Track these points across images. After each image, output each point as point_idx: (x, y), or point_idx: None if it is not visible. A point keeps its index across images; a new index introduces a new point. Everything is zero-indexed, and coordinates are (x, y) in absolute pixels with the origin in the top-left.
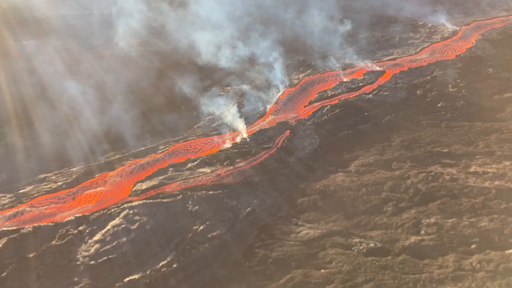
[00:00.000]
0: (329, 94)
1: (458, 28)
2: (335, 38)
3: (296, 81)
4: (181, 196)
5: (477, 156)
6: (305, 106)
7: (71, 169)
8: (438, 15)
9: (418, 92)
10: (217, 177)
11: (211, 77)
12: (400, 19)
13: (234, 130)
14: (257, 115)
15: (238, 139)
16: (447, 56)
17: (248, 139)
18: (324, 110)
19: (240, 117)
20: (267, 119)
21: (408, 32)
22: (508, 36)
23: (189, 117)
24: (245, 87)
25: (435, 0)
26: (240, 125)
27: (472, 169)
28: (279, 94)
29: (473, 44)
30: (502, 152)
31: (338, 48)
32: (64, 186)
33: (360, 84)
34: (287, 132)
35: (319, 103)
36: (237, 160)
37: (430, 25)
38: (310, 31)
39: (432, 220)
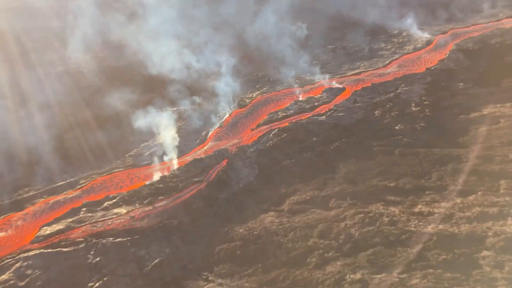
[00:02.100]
0: (280, 116)
1: (433, 37)
2: (301, 50)
3: (247, 101)
4: (84, 244)
5: (427, 192)
6: (251, 130)
7: None
8: (414, 23)
9: (376, 112)
10: (130, 220)
11: (157, 94)
12: (374, 28)
13: (166, 160)
14: (197, 141)
15: (167, 172)
16: (416, 69)
17: (178, 171)
18: (271, 135)
19: (176, 144)
20: (206, 146)
21: (380, 42)
22: (485, 46)
23: (122, 144)
24: (190, 107)
25: (414, 6)
26: (172, 154)
27: (417, 209)
28: (226, 116)
29: (446, 55)
30: (455, 186)
31: (302, 62)
32: None
33: (316, 103)
34: (224, 162)
35: (268, 126)
36: (159, 198)
37: (404, 33)
38: (272, 43)
39: (358, 275)
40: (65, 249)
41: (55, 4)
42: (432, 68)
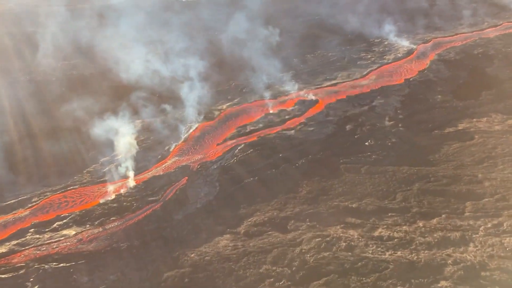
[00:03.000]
0: (248, 130)
1: (414, 47)
2: (278, 59)
3: (216, 113)
4: (24, 270)
5: (390, 214)
6: (217, 145)
7: None
8: (397, 31)
9: (347, 126)
10: (77, 242)
11: (123, 104)
12: (355, 36)
13: (125, 177)
14: (159, 156)
15: (123, 189)
16: (395, 80)
17: (134, 190)
18: (236, 150)
19: (137, 159)
20: (167, 162)
21: (360, 51)
22: (467, 56)
23: (81, 158)
24: (155, 119)
25: (398, 14)
26: (131, 170)
27: (377, 233)
28: (192, 129)
29: (427, 66)
30: (419, 208)
31: (278, 71)
32: None
33: (287, 116)
34: (184, 180)
35: (234, 140)
36: (111, 219)
37: (386, 42)
38: (247, 51)
39: None
40: (3, 276)
41: (26, 10)
42: (411, 79)
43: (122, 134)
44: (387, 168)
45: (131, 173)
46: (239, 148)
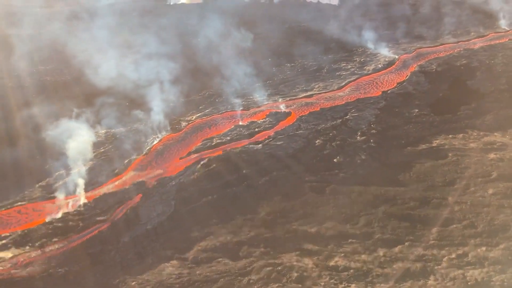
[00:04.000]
0: (214, 143)
1: (396, 57)
2: (256, 68)
3: (184, 124)
4: None
5: (350, 240)
6: (180, 159)
7: None
8: (381, 41)
9: (317, 141)
10: (11, 267)
11: (90, 113)
12: (338, 44)
13: (78, 193)
14: (116, 171)
15: (72, 207)
16: (372, 92)
17: (84, 208)
18: (198, 166)
19: (93, 174)
20: (124, 178)
21: (341, 60)
22: (449, 68)
23: (36, 171)
24: (120, 130)
25: (384, 22)
26: (84, 186)
27: (333, 262)
28: (156, 141)
29: (407, 78)
30: (382, 234)
31: (255, 80)
32: None
33: (257, 129)
34: (138, 197)
35: (198, 154)
36: (53, 240)
37: (368, 52)
38: (223, 59)
39: None
40: None
41: (3, 14)
42: (388, 92)
43: (81, 145)
44: (353, 188)
45: (82, 189)
46: (202, 162)
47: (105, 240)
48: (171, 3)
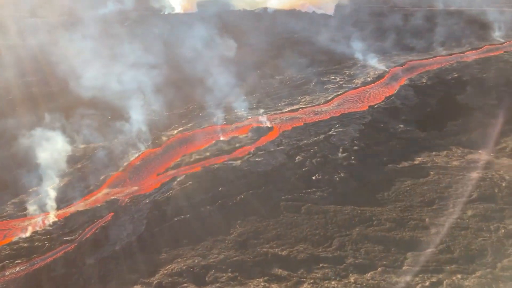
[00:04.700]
0: (193, 159)
1: (387, 70)
2: (243, 81)
3: (164, 139)
4: None
5: (321, 264)
6: (158, 175)
7: None
8: (372, 53)
9: (297, 158)
10: None
11: (71, 126)
12: (329, 56)
13: (50, 210)
14: (91, 187)
15: (41, 226)
16: (358, 107)
17: (53, 226)
18: (174, 183)
19: (67, 190)
20: (97, 195)
21: (330, 73)
22: (440, 82)
23: (11, 187)
24: (99, 145)
25: (378, 34)
26: (56, 203)
27: None
28: (133, 157)
29: (395, 92)
30: (355, 258)
31: (241, 94)
32: None
33: (237, 145)
34: (109, 216)
35: (176, 171)
36: (16, 262)
37: (359, 64)
38: (210, 71)
39: None
40: None
41: None
42: (375, 106)
43: (60, 160)
44: (329, 208)
45: (54, 207)
46: (178, 179)
47: (70, 262)
48: (165, 13)
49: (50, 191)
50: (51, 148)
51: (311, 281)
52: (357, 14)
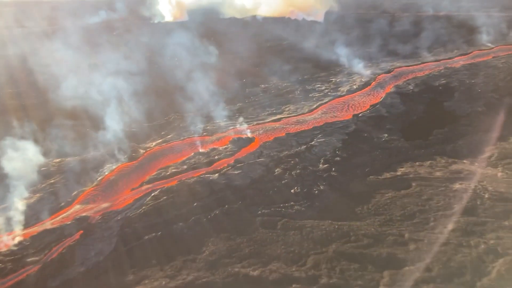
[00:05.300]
0: (169, 173)
1: (374, 77)
2: (227, 90)
3: (142, 151)
4: None
5: (294, 285)
6: (132, 190)
7: None
8: (360, 59)
9: (277, 170)
10: None
11: (48, 140)
12: (315, 63)
13: (17, 229)
14: (62, 204)
15: (5, 246)
16: (343, 116)
17: (17, 246)
18: (148, 198)
19: (35, 207)
20: (68, 212)
21: (316, 81)
22: (427, 89)
23: None
24: (75, 158)
25: (364, 40)
26: (20, 222)
27: None
28: (108, 171)
29: (381, 99)
30: (329, 278)
31: (223, 103)
32: None
33: (216, 157)
34: (78, 234)
35: (151, 185)
36: None
37: (346, 72)
38: (198, 80)
39: None
40: None
41: None
42: (360, 115)
43: (32, 175)
44: (306, 223)
45: (20, 225)
46: (152, 194)
47: (32, 285)
48: (155, 22)
49: (19, 208)
50: (24, 162)
51: None
52: (346, 20)
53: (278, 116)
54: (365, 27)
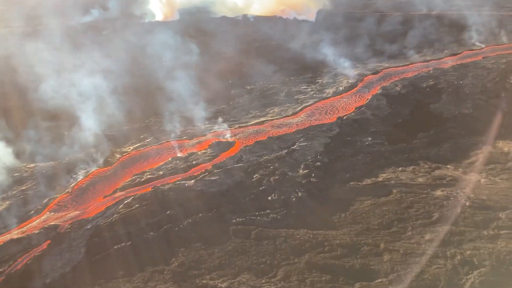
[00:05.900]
0: (144, 179)
1: (360, 78)
2: (209, 91)
3: (118, 156)
4: None
5: None
6: (104, 197)
7: None
8: (349, 60)
9: (256, 176)
10: None
11: (23, 144)
12: (302, 65)
13: None
14: (31, 212)
15: None
16: (327, 118)
17: None
18: (120, 206)
19: (5, 215)
20: (37, 220)
21: (302, 83)
22: (414, 90)
23: None
24: (47, 164)
25: (353, 40)
26: None
27: None
28: (81, 177)
29: (367, 101)
30: None
31: (210, 105)
32: None
33: (194, 162)
34: (46, 244)
35: (124, 192)
36: None
37: (333, 73)
38: (181, 81)
39: None
40: None
41: None
42: (344, 118)
43: (1, 181)
44: (280, 232)
45: None
46: (125, 202)
47: None
48: (146, 21)
49: None
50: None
51: None
52: (338, 19)
53: (262, 119)
54: (356, 26)
